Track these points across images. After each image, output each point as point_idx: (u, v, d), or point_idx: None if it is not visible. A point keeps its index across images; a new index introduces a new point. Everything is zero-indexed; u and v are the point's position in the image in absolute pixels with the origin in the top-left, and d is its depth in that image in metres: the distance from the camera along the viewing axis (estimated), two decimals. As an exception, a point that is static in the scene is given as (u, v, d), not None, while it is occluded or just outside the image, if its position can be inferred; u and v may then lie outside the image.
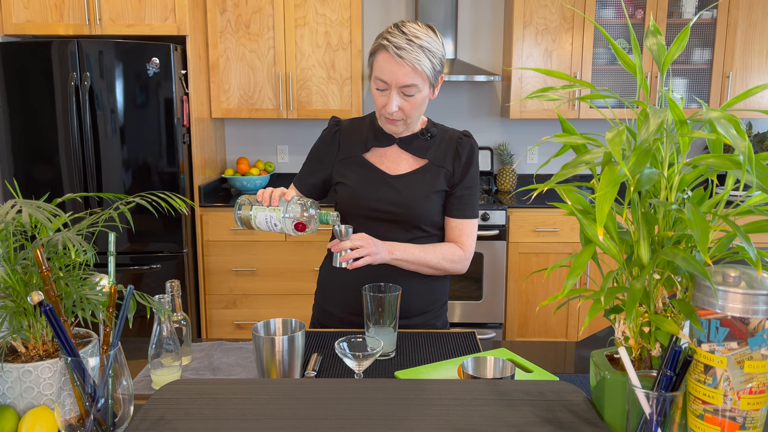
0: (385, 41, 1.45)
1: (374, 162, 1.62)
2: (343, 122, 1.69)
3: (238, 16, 3.53)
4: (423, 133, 1.61)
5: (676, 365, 0.82)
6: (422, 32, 1.45)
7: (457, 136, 1.62)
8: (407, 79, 1.45)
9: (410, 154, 1.61)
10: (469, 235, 1.62)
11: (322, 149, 1.67)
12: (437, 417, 0.90)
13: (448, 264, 1.59)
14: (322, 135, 1.69)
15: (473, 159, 1.61)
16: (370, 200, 1.58)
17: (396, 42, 1.43)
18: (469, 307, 3.51)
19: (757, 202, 0.86)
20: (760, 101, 3.59)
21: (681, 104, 0.85)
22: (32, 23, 3.27)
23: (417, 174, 1.59)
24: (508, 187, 3.88)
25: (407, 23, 1.47)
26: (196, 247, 3.48)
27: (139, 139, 3.26)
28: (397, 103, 1.48)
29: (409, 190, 1.58)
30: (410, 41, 1.43)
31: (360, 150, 1.63)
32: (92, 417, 0.86)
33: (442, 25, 3.67)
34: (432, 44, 1.46)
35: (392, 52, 1.43)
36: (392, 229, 1.58)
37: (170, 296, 1.27)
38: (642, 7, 3.57)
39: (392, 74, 1.45)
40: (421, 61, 1.43)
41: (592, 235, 0.89)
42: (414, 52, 1.43)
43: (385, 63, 1.45)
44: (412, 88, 1.46)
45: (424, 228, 1.60)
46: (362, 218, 1.59)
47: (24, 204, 0.95)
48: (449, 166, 1.60)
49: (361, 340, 1.17)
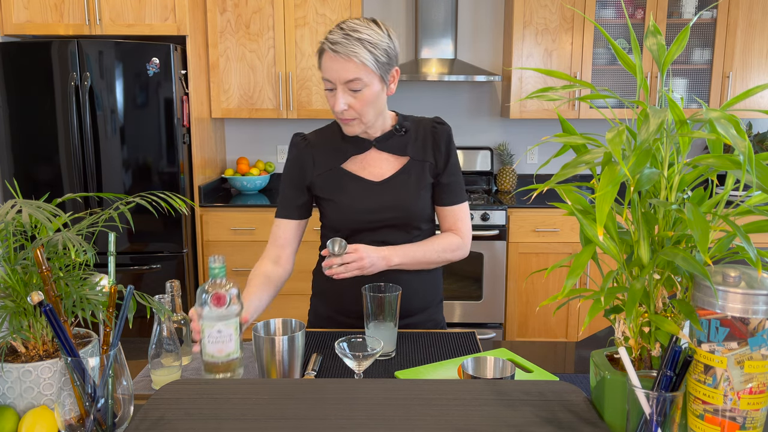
0: (323, 40, 1.44)
1: (355, 171, 1.57)
2: (308, 136, 1.63)
3: (238, 16, 3.53)
4: (397, 130, 1.57)
5: (676, 365, 0.82)
6: (362, 26, 1.43)
7: (430, 126, 1.59)
8: (348, 73, 1.41)
9: (390, 154, 1.58)
10: (463, 220, 1.61)
11: (296, 171, 1.60)
12: (437, 417, 0.90)
13: (449, 254, 1.58)
14: (291, 156, 1.61)
15: (451, 144, 1.59)
16: (360, 213, 1.54)
17: (332, 38, 1.41)
18: (469, 307, 3.50)
19: (757, 202, 0.86)
20: (760, 101, 3.59)
21: (681, 104, 0.85)
22: (32, 23, 3.27)
23: (402, 174, 1.56)
24: (508, 187, 3.88)
25: (348, 20, 1.45)
26: (196, 247, 3.47)
27: (139, 139, 3.26)
28: (345, 100, 1.44)
29: (399, 194, 1.54)
30: (347, 35, 1.41)
31: (338, 161, 1.58)
32: (92, 417, 0.86)
33: (442, 25, 3.67)
34: (373, 36, 1.42)
35: (328, 48, 1.41)
36: (390, 234, 1.56)
37: (170, 296, 1.27)
38: (642, 7, 3.57)
39: (333, 71, 1.42)
40: (359, 53, 1.40)
41: (592, 235, 0.89)
42: (351, 45, 1.40)
43: (326, 61, 1.43)
44: (356, 83, 1.42)
45: (421, 226, 1.59)
46: (357, 231, 1.56)
47: (24, 204, 0.95)
48: (431, 158, 1.57)
49: (361, 340, 1.17)
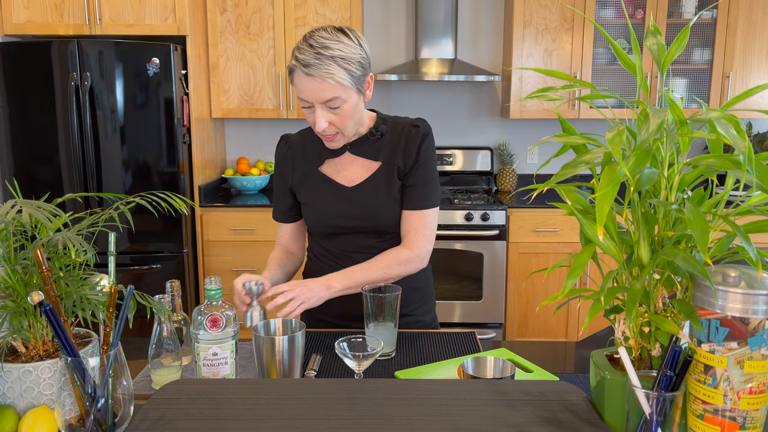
0: (294, 61, 1.37)
1: (330, 175, 1.55)
2: (291, 138, 1.61)
3: (238, 16, 3.53)
4: (372, 134, 1.53)
5: (676, 365, 0.82)
6: (331, 41, 1.37)
7: (407, 129, 1.53)
8: (326, 94, 1.37)
9: (363, 158, 1.54)
10: (417, 230, 1.51)
11: (281, 172, 1.61)
12: (437, 417, 0.90)
13: (397, 269, 1.49)
14: (276, 157, 1.63)
15: (423, 146, 1.51)
16: (333, 218, 1.54)
17: (304, 59, 1.35)
18: (469, 307, 3.51)
19: (757, 202, 0.86)
20: (760, 101, 3.59)
21: (681, 104, 0.85)
22: (32, 23, 3.28)
23: (372, 181, 1.52)
24: (508, 187, 3.88)
25: (316, 33, 1.38)
26: (196, 247, 3.47)
27: (139, 139, 3.26)
28: (326, 118, 1.41)
29: (368, 201, 1.52)
30: (319, 55, 1.35)
31: (315, 164, 1.56)
32: (92, 417, 0.86)
33: (442, 25, 3.67)
34: (345, 50, 1.37)
35: (301, 71, 1.36)
36: (362, 239, 1.55)
37: (170, 296, 1.27)
38: (642, 7, 3.57)
39: (309, 92, 1.38)
40: (334, 74, 1.35)
41: (592, 235, 0.89)
42: (324, 66, 1.34)
43: (300, 83, 1.38)
44: (335, 101, 1.38)
45: (392, 231, 1.55)
46: (331, 235, 1.56)
47: (24, 204, 0.95)
48: (399, 161, 1.51)
49: (361, 340, 1.17)
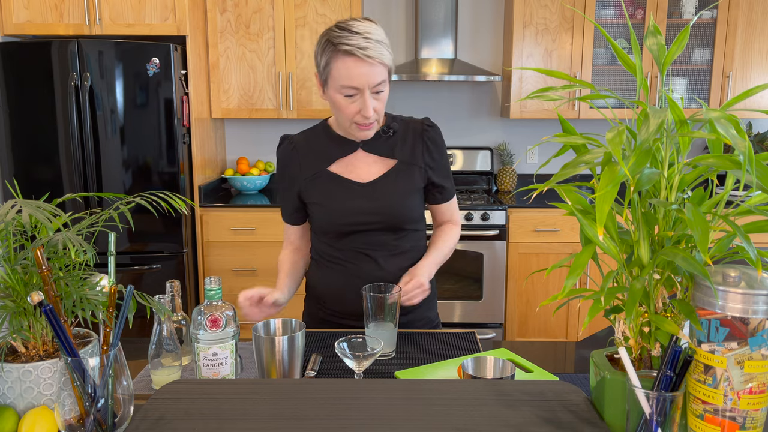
0: (345, 46, 1.37)
1: (342, 173, 1.54)
2: (295, 138, 1.60)
3: (238, 16, 3.53)
4: (384, 131, 1.55)
5: (676, 365, 0.82)
6: (371, 27, 1.40)
7: (420, 129, 1.56)
8: (377, 77, 1.40)
9: (377, 155, 1.55)
10: (455, 211, 1.68)
11: (286, 173, 1.60)
12: (437, 417, 0.90)
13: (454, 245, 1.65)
14: (279, 159, 1.61)
15: (443, 146, 1.59)
16: (348, 215, 1.52)
17: (358, 44, 1.36)
18: (469, 307, 3.50)
19: (757, 202, 0.86)
20: (760, 101, 3.59)
21: (681, 104, 0.85)
22: (32, 23, 3.27)
23: (389, 177, 1.54)
24: (508, 187, 3.88)
25: (350, 23, 1.40)
26: (196, 247, 3.47)
27: (139, 139, 3.26)
28: (373, 105, 1.42)
29: (385, 196, 1.52)
30: (368, 39, 1.37)
31: (324, 164, 1.55)
32: (92, 417, 0.86)
33: (442, 25, 3.67)
34: (383, 36, 1.42)
35: (360, 54, 1.36)
36: (377, 236, 1.54)
37: (170, 296, 1.27)
38: (642, 7, 3.57)
39: (364, 77, 1.38)
40: (385, 55, 1.40)
41: (592, 235, 0.89)
42: (377, 48, 1.38)
43: (354, 67, 1.37)
44: (382, 84, 1.42)
45: (408, 227, 1.57)
46: (345, 234, 1.54)
47: (24, 204, 0.95)
48: (421, 162, 1.55)
49: (361, 340, 1.17)
